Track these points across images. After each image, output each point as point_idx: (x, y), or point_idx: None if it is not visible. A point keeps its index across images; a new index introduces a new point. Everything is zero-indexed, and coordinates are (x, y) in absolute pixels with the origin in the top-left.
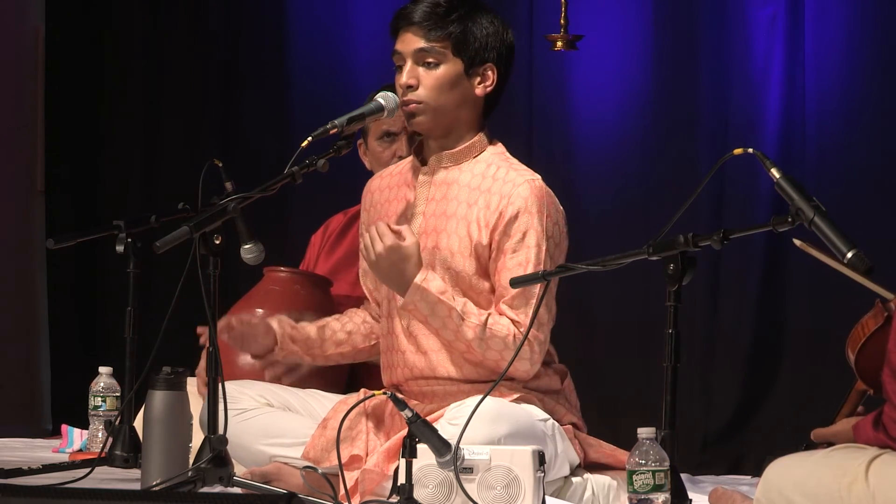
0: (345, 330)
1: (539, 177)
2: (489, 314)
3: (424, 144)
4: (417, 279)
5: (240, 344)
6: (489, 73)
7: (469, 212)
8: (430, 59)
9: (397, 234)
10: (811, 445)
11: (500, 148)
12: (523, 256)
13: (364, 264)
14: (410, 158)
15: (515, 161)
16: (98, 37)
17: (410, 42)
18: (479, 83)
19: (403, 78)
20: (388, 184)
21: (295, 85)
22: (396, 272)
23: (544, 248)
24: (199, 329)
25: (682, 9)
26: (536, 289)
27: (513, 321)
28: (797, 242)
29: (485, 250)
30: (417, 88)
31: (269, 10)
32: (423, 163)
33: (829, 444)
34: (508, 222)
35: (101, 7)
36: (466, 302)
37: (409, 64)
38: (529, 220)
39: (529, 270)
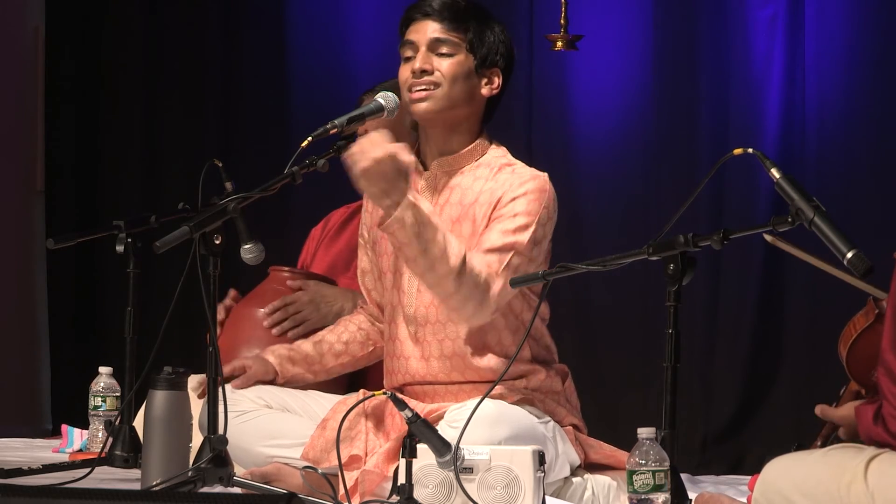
0: (341, 341)
1: (546, 175)
2: (467, 250)
3: (423, 146)
4: (410, 196)
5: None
6: (496, 77)
7: (471, 210)
8: (445, 50)
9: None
10: (802, 445)
11: (502, 150)
12: (510, 224)
13: (364, 264)
14: None
15: (521, 163)
16: (98, 37)
17: (426, 31)
18: (486, 84)
19: (417, 63)
20: None
21: (295, 85)
22: (388, 184)
23: (532, 229)
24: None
25: (682, 9)
26: (510, 254)
27: (486, 264)
28: (769, 238)
29: None
30: (432, 73)
31: (269, 10)
32: (424, 167)
33: (822, 443)
34: (506, 203)
35: (101, 7)
36: (447, 231)
37: (422, 51)
38: (525, 203)
39: (508, 240)
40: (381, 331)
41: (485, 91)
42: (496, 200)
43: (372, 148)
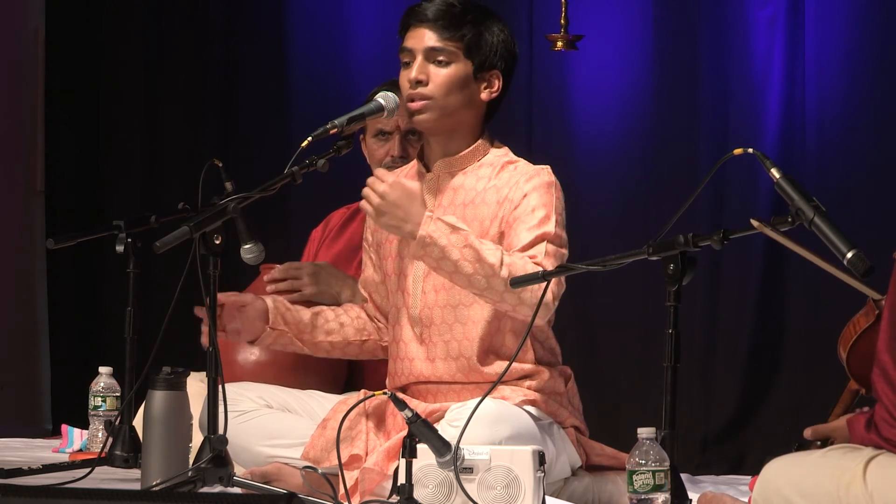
0: (338, 321)
1: (548, 167)
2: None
3: (426, 149)
4: (428, 213)
5: (230, 321)
6: (495, 80)
7: (478, 211)
8: (442, 58)
9: None
10: (803, 445)
11: (503, 150)
12: (532, 220)
13: (368, 271)
14: (415, 163)
15: (523, 160)
16: (98, 37)
17: (423, 39)
18: (485, 88)
19: (413, 73)
20: None
21: (295, 85)
22: (403, 211)
23: (553, 218)
24: (197, 310)
25: (682, 9)
26: (544, 243)
27: (529, 258)
28: (755, 223)
29: (500, 239)
30: (427, 84)
31: (269, 10)
32: (427, 169)
33: (823, 444)
34: (518, 202)
35: (101, 7)
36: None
37: (419, 60)
38: (537, 197)
39: (537, 232)
40: (380, 328)
41: (484, 95)
42: (503, 199)
43: (374, 185)
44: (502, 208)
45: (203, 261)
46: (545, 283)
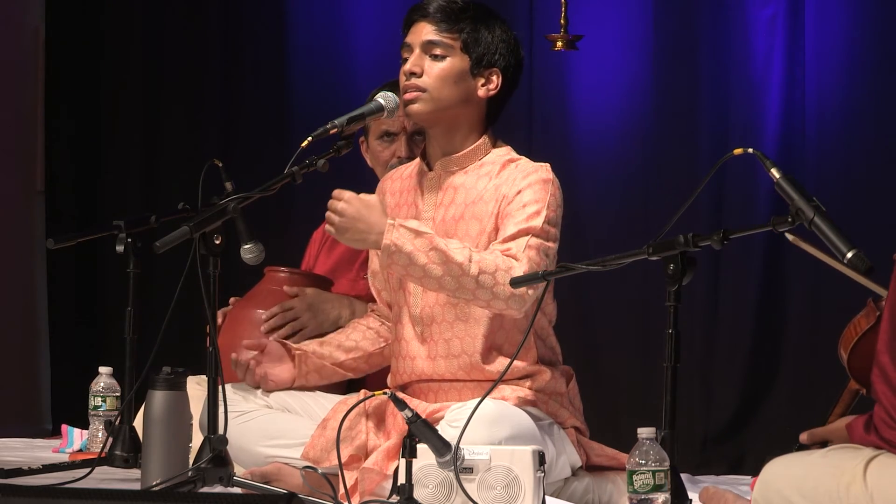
0: (351, 339)
1: (548, 165)
2: (477, 248)
3: (428, 147)
4: (390, 220)
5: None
6: (494, 77)
7: (476, 209)
8: (438, 52)
9: None
10: (803, 446)
11: (505, 149)
12: (521, 215)
13: (374, 265)
14: (417, 161)
15: (525, 158)
16: (98, 37)
17: (421, 33)
18: (483, 85)
19: (408, 65)
20: (399, 187)
21: (295, 85)
22: (364, 223)
23: (543, 214)
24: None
25: (682, 9)
26: (527, 237)
27: (502, 251)
28: (790, 238)
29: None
30: (421, 76)
31: (269, 10)
32: (429, 167)
33: (822, 444)
34: (512, 197)
35: (101, 7)
36: (443, 238)
37: (416, 52)
38: (531, 193)
39: (522, 226)
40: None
41: (482, 92)
42: (502, 197)
43: (333, 203)
44: (498, 205)
45: (203, 261)
46: (543, 283)
